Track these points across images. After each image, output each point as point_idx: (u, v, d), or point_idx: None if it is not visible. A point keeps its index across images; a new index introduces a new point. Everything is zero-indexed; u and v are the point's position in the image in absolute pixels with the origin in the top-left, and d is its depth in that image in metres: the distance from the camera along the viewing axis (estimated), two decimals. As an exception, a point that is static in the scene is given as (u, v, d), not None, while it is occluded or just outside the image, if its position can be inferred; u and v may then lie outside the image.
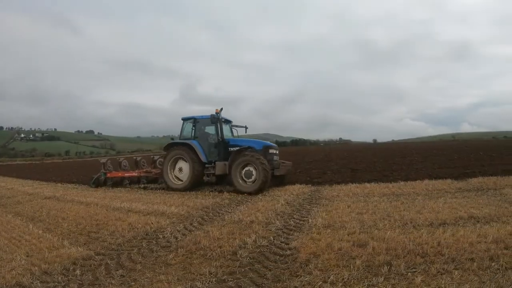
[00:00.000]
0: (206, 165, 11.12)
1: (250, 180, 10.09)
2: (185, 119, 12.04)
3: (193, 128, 11.67)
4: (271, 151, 11.07)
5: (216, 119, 10.98)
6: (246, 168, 10.20)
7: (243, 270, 3.97)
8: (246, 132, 12.92)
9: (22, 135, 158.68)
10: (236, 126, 12.73)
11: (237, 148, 10.91)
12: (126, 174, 13.77)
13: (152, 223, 6.55)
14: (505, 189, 8.30)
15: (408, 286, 3.33)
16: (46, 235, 6.12)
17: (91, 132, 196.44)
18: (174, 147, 11.64)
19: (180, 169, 11.53)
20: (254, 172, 10.04)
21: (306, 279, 3.63)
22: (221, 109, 11.31)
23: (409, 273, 3.58)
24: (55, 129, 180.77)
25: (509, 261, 3.71)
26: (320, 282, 3.52)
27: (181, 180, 11.47)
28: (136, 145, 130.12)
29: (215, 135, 11.36)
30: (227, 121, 12.27)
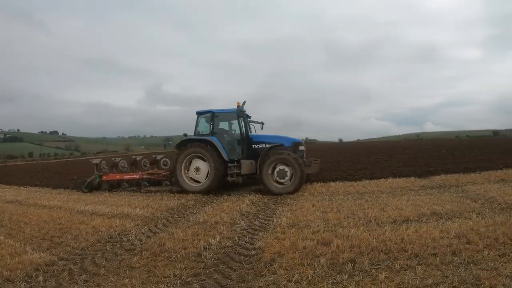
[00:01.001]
0: (229, 164, 9.94)
1: (284, 180, 9.25)
2: (200, 113, 10.68)
3: (211, 123, 10.35)
4: (301, 148, 10.29)
5: (242, 113, 9.99)
6: (278, 168, 9.31)
7: (207, 271, 3.93)
8: (262, 129, 11.48)
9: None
10: (253, 121, 11.44)
11: (262, 145, 10.06)
12: (126, 177, 12.13)
13: (116, 226, 6.36)
14: (466, 186, 8.60)
15: (372, 283, 3.39)
16: (8, 241, 5.84)
17: (55, 132, 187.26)
18: (190, 145, 10.23)
19: (197, 169, 10.13)
20: (288, 171, 9.21)
21: (270, 278, 3.63)
22: (244, 102, 10.21)
23: (373, 270, 3.66)
24: (18, 130, 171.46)
25: (471, 255, 3.85)
26: (285, 281, 3.52)
27: (199, 182, 10.16)
28: (101, 146, 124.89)
29: (238, 131, 10.38)
30: (247, 116, 10.98)
